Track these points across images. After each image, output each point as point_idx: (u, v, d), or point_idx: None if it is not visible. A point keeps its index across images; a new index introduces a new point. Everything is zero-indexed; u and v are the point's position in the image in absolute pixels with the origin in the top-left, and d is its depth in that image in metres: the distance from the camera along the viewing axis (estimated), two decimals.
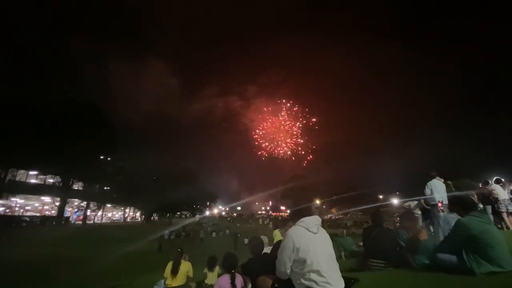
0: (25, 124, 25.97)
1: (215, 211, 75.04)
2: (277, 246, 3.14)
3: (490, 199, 7.35)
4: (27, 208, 36.08)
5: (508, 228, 6.84)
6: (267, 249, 4.05)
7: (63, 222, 32.04)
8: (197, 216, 56.14)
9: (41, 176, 33.17)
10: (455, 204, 3.26)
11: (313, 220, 2.24)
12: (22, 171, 30.69)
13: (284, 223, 4.23)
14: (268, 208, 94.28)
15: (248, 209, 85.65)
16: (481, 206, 7.26)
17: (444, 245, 3.03)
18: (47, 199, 34.45)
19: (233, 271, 3.11)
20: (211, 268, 5.76)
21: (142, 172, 42.55)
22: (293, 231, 2.20)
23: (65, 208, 33.97)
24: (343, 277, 2.21)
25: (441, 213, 5.05)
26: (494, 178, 7.93)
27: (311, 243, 2.09)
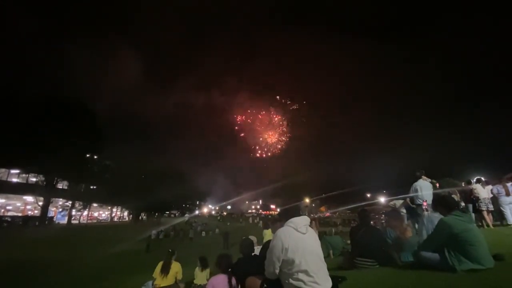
0: (6, 121, 24.95)
1: (205, 210, 74.53)
2: (266, 246, 3.15)
3: (472, 198, 7.63)
4: (8, 208, 34.72)
5: (488, 226, 7.12)
6: (257, 248, 4.07)
7: (46, 222, 31.00)
8: (187, 215, 55.52)
9: (23, 175, 31.93)
10: (438, 204, 3.35)
11: (302, 221, 2.27)
12: (3, 170, 29.52)
13: (273, 223, 4.26)
14: (258, 206, 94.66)
15: (238, 208, 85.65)
16: (463, 204, 7.55)
17: (428, 244, 3.13)
18: (29, 198, 33.12)
19: (229, 270, 3.12)
20: (201, 268, 5.72)
21: (129, 170, 41.67)
22: (282, 232, 2.22)
23: (49, 207, 32.87)
24: (331, 276, 2.24)
25: (425, 212, 5.20)
26: (475, 178, 8.25)
27: (300, 243, 2.12)
